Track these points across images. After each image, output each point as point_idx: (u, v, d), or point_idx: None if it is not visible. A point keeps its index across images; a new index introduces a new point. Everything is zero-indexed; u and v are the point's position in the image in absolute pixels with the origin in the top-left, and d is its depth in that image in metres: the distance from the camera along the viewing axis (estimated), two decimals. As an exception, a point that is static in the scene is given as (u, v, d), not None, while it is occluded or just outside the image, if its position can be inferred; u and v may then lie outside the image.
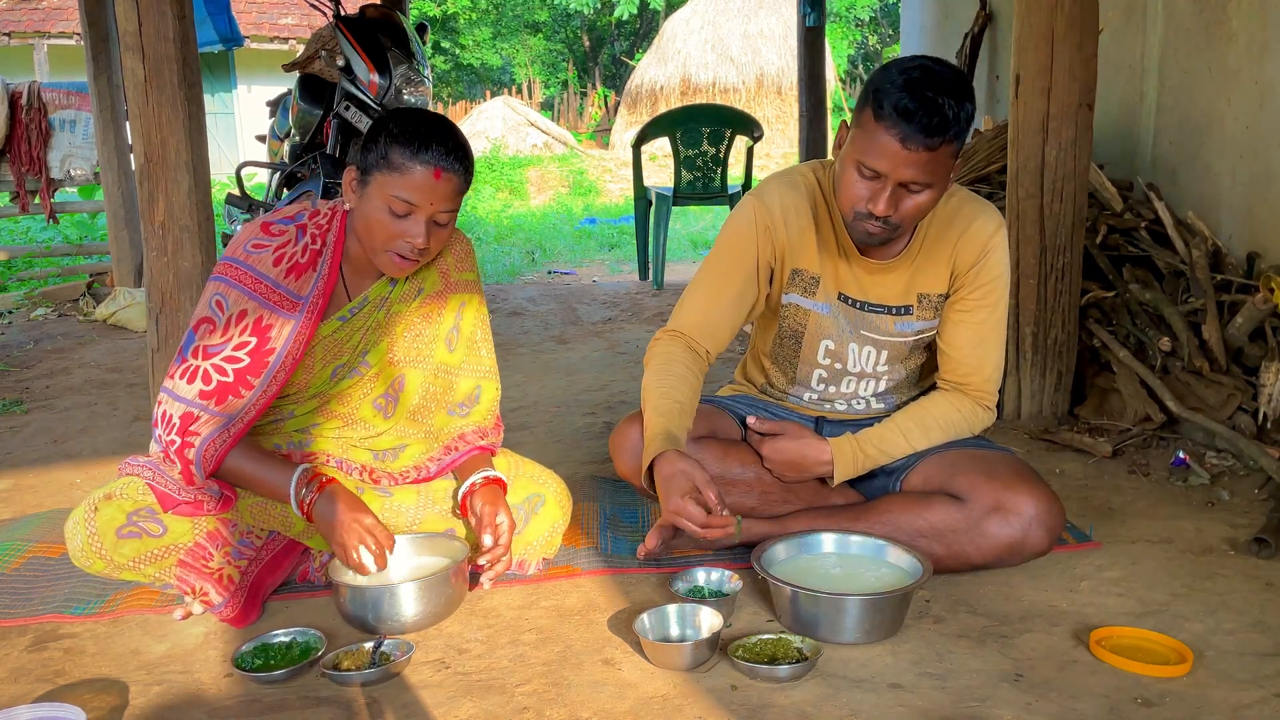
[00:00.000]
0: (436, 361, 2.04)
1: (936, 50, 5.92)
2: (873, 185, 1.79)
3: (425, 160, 1.80)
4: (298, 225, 1.94)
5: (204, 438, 1.81)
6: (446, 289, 2.04)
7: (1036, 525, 1.87)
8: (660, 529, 2.01)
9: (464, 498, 1.98)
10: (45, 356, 4.33)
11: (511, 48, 22.84)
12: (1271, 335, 2.78)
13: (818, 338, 2.07)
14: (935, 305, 2.02)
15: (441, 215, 1.85)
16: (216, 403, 1.82)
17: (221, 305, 1.86)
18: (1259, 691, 1.57)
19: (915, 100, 1.70)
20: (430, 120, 1.86)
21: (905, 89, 1.71)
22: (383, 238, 1.84)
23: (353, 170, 1.88)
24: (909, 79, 1.72)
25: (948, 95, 1.71)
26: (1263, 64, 3.05)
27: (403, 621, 1.78)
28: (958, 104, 1.72)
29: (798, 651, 1.65)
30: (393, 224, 1.83)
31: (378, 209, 1.83)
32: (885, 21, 21.16)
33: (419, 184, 1.81)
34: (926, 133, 1.70)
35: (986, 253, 1.96)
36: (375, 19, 4.68)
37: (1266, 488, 2.41)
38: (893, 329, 2.03)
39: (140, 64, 2.80)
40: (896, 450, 2.02)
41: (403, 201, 1.81)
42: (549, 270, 6.83)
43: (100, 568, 1.84)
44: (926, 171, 1.75)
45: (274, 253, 1.89)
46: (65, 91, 5.56)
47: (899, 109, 1.71)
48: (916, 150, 1.72)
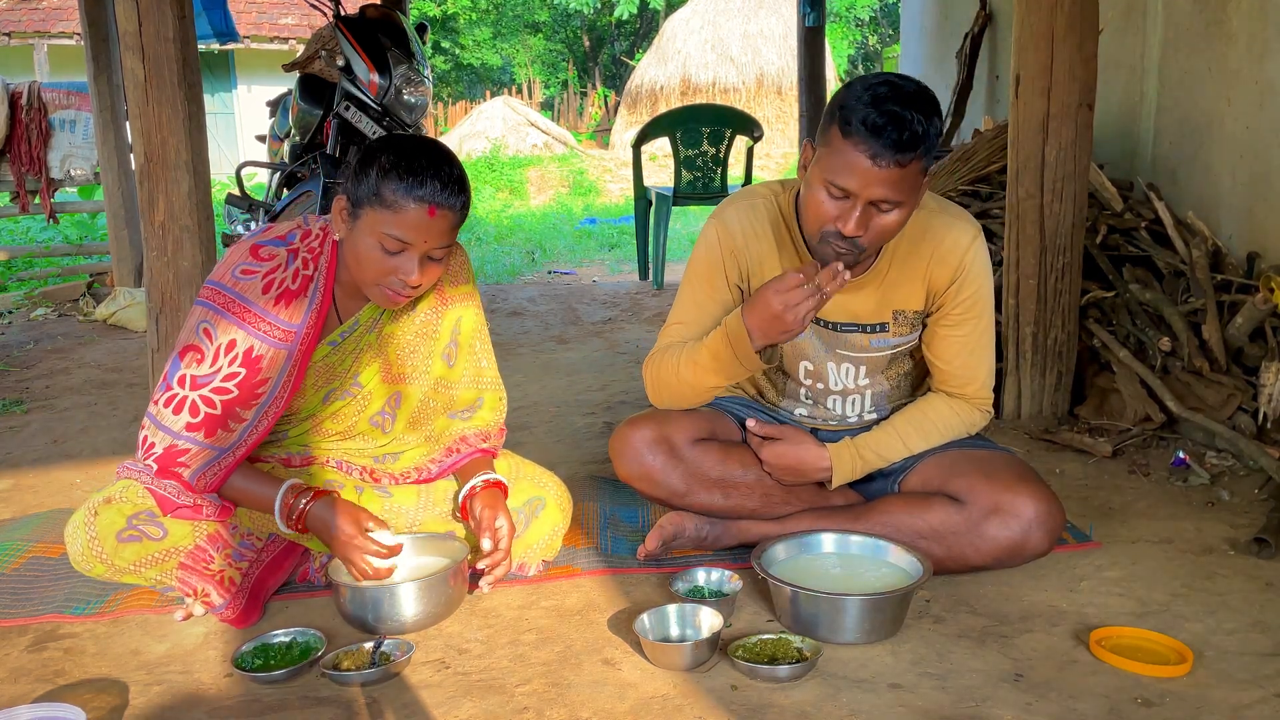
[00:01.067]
0: (435, 377, 2.01)
1: (936, 50, 5.92)
2: (842, 205, 1.74)
3: (420, 197, 1.71)
4: (289, 249, 1.85)
5: (195, 470, 1.78)
6: (441, 304, 1.99)
7: (1036, 527, 1.87)
8: (660, 529, 2.01)
9: (464, 501, 1.98)
10: (45, 356, 4.33)
11: (511, 48, 22.85)
12: (1271, 335, 2.78)
13: (796, 359, 2.07)
14: (912, 321, 2.01)
15: (437, 251, 1.78)
16: (205, 435, 1.78)
17: (209, 333, 1.79)
18: (1259, 691, 1.57)
19: (884, 116, 1.67)
20: (425, 150, 1.76)
21: (873, 105, 1.68)
22: (374, 274, 1.77)
23: (342, 200, 1.80)
24: (875, 95, 1.69)
25: (916, 110, 1.69)
26: (1263, 64, 3.05)
27: (403, 621, 1.78)
28: (926, 119, 1.70)
29: (798, 651, 1.65)
30: (385, 260, 1.75)
31: (369, 245, 1.75)
32: (885, 21, 21.16)
33: (413, 222, 1.72)
34: (897, 148, 1.67)
35: (963, 269, 1.94)
36: (375, 19, 4.68)
37: (1266, 488, 2.41)
38: (868, 345, 2.02)
39: (140, 64, 2.80)
40: (894, 455, 2.03)
41: (395, 240, 1.73)
42: (549, 270, 6.83)
43: (101, 571, 1.84)
44: (897, 189, 1.71)
45: (263, 279, 1.81)
46: (65, 91, 5.56)
47: (868, 125, 1.67)
48: (887, 167, 1.68)
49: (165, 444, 1.78)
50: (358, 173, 1.76)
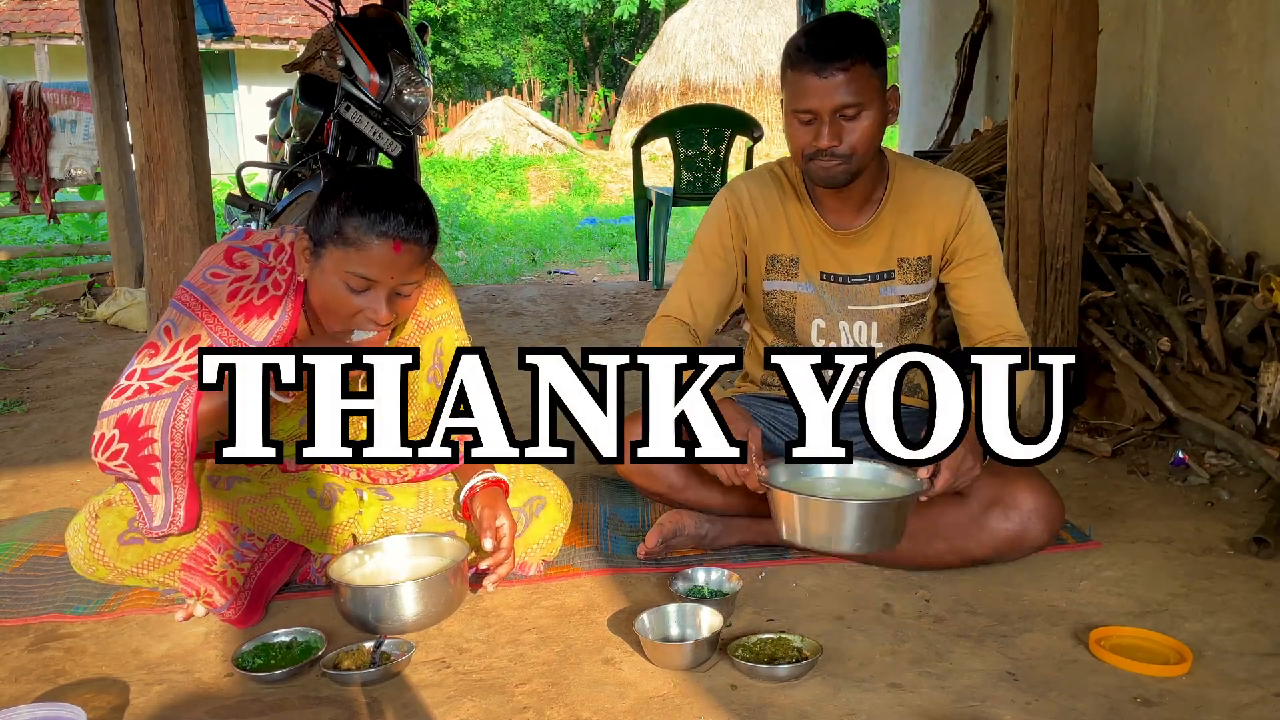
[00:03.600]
0: (424, 400, 1.99)
1: (936, 50, 5.92)
2: (812, 127, 1.90)
3: (384, 233, 1.66)
4: (262, 263, 1.81)
5: (164, 417, 1.69)
6: (419, 330, 1.97)
7: (1036, 519, 1.90)
8: (660, 528, 2.02)
9: (465, 501, 1.98)
10: (46, 356, 4.33)
11: (512, 48, 22.84)
12: (1271, 335, 2.78)
13: (808, 319, 2.11)
14: (917, 270, 2.07)
15: (405, 287, 1.73)
16: (150, 390, 1.70)
17: (170, 332, 1.77)
18: (1258, 691, 1.57)
19: (815, 35, 1.88)
20: (387, 183, 1.71)
21: (804, 34, 1.91)
22: (343, 315, 1.72)
23: (304, 239, 1.74)
24: (807, 29, 1.92)
25: (845, 25, 1.88)
26: (1263, 64, 3.06)
27: (403, 621, 1.78)
28: (856, 27, 1.88)
29: (797, 651, 1.66)
30: (351, 300, 1.70)
31: (334, 285, 1.70)
32: (885, 21, 21.14)
33: (377, 259, 1.67)
34: (835, 55, 1.84)
35: (966, 211, 2.04)
36: (376, 19, 4.68)
37: (1266, 488, 2.41)
38: (878, 295, 2.08)
39: (140, 64, 2.80)
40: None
41: (360, 278, 1.68)
42: (549, 270, 6.83)
43: (103, 574, 1.84)
44: (852, 92, 1.86)
45: (230, 285, 1.78)
46: (66, 92, 5.57)
47: (803, 48, 1.87)
48: (832, 75, 1.84)
49: (115, 419, 1.70)
50: (318, 210, 1.71)
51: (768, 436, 2.20)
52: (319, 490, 1.96)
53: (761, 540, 2.09)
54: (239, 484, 1.92)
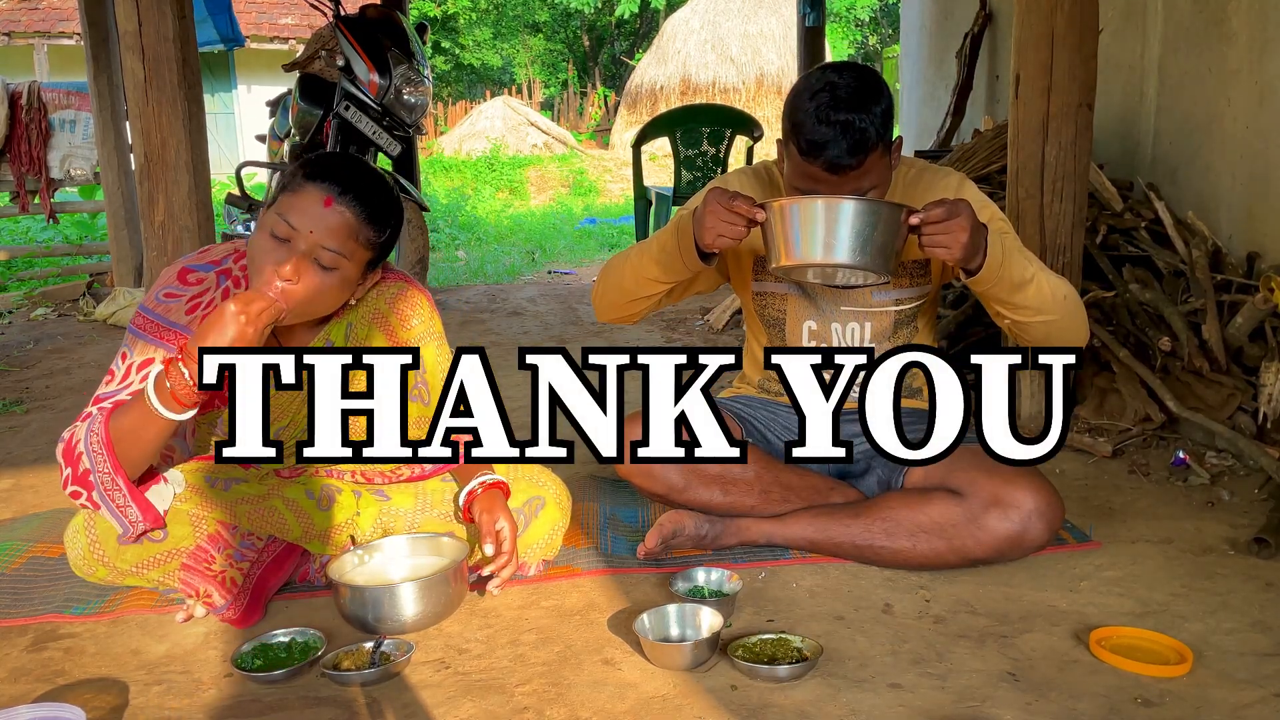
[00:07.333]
0: (413, 418, 1.96)
1: (936, 50, 5.92)
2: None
3: (320, 185, 1.66)
4: (219, 271, 1.80)
5: (85, 430, 1.68)
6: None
7: (1035, 518, 1.89)
8: (660, 528, 2.01)
9: (465, 504, 1.97)
10: (45, 356, 4.33)
11: (512, 48, 22.84)
12: (1271, 335, 2.78)
13: (800, 320, 2.11)
14: (912, 272, 2.06)
15: (324, 254, 1.68)
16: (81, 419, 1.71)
17: (125, 356, 1.78)
18: (1259, 691, 1.57)
19: (830, 129, 1.78)
20: (352, 161, 1.73)
21: (817, 119, 1.79)
22: (259, 267, 1.66)
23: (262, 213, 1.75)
24: (818, 105, 1.79)
25: (858, 110, 1.78)
26: (1263, 64, 3.05)
27: (403, 621, 1.78)
28: (869, 113, 1.79)
29: (797, 651, 1.66)
30: (270, 251, 1.65)
31: (261, 237, 1.68)
32: (885, 21, 21.15)
33: (303, 205, 1.65)
34: (850, 154, 1.79)
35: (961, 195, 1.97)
36: (375, 19, 4.68)
37: (1266, 488, 2.41)
38: (870, 299, 2.07)
39: (140, 64, 2.80)
40: (1022, 273, 1.87)
41: (284, 223, 1.65)
42: (549, 270, 6.83)
43: (103, 575, 1.84)
44: (866, 179, 1.84)
45: (187, 303, 1.78)
46: (65, 91, 5.57)
47: (818, 143, 1.79)
48: (846, 172, 1.81)
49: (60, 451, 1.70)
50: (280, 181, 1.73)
51: (768, 437, 2.19)
52: (317, 491, 1.96)
53: (762, 540, 2.09)
54: (236, 485, 1.92)
